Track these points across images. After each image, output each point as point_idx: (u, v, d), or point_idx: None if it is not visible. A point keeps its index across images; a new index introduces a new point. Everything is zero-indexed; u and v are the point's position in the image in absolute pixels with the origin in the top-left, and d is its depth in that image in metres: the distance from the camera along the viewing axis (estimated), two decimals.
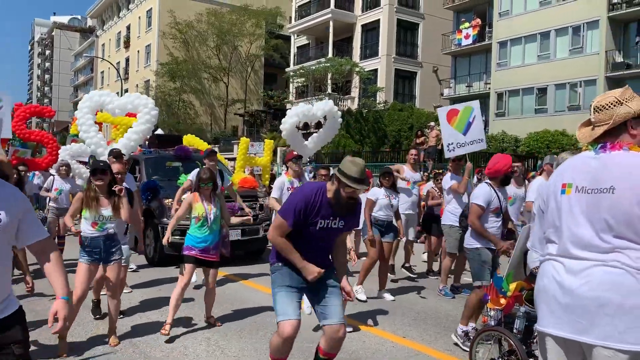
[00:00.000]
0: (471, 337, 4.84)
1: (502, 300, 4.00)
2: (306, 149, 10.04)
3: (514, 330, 3.94)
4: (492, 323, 4.13)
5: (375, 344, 5.04)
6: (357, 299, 6.56)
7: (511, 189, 6.99)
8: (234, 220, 6.67)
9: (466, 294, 6.91)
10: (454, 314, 6.18)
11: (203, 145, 12.38)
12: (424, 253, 9.42)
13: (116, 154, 6.71)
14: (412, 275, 8.09)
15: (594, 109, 2.33)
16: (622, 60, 23.15)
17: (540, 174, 7.79)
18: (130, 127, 9.19)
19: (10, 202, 2.22)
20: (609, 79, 23.02)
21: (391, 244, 6.88)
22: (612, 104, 2.28)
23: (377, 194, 6.78)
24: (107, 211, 4.71)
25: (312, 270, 3.37)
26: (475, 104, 7.53)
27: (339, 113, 10.33)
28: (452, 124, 7.43)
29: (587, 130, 2.40)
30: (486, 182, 5.04)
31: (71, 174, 9.24)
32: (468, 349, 4.66)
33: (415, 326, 5.66)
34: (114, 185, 4.82)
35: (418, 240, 9.57)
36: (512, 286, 3.92)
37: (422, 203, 9.03)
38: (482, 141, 7.34)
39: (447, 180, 7.28)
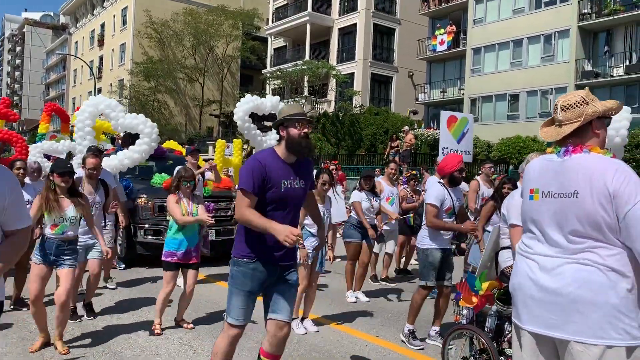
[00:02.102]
0: (417, 336, 5.04)
1: (474, 299, 4.07)
2: (261, 141, 10.14)
3: (486, 329, 3.99)
4: (464, 322, 4.20)
5: (348, 342, 5.08)
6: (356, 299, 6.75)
7: (485, 189, 7.16)
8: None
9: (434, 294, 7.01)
10: (425, 313, 6.26)
11: (179, 148, 12.33)
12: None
13: (95, 149, 6.68)
14: (390, 285, 7.95)
15: (562, 107, 2.38)
16: (591, 69, 23.76)
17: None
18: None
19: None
20: (579, 87, 23.59)
21: (371, 246, 6.96)
22: (579, 103, 2.34)
23: (360, 196, 6.89)
24: (70, 211, 4.56)
25: (283, 230, 2.95)
26: (470, 117, 7.78)
27: None
28: (450, 130, 7.68)
29: (552, 129, 2.45)
30: (439, 182, 5.06)
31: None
32: (412, 347, 4.90)
33: (388, 326, 5.73)
34: (73, 191, 4.66)
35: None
36: (485, 285, 3.99)
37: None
38: (470, 154, 7.57)
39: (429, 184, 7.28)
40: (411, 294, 7.06)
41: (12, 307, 5.76)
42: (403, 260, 9.00)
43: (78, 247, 5.01)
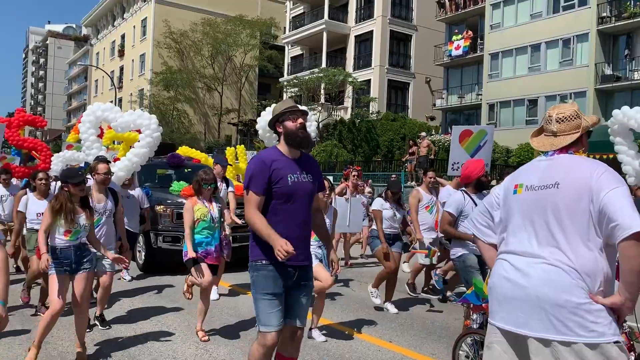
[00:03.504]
0: None
1: (484, 305, 4.06)
2: None
3: None
4: (475, 326, 4.21)
5: (362, 347, 5.12)
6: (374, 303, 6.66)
7: None
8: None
9: (455, 302, 6.97)
10: (440, 319, 6.28)
11: (198, 155, 12.50)
12: (404, 262, 9.19)
13: (102, 158, 6.79)
14: (433, 296, 7.49)
15: (557, 119, 2.52)
16: (611, 72, 23.48)
17: None
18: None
19: None
20: (599, 91, 23.36)
21: (400, 254, 6.70)
22: (573, 116, 2.50)
23: (382, 204, 6.66)
24: (82, 219, 4.55)
25: (281, 243, 2.97)
26: (490, 129, 7.61)
27: (314, 122, 10.47)
28: (462, 144, 7.55)
29: (544, 139, 2.57)
30: (462, 190, 5.07)
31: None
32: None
33: (401, 332, 5.74)
34: (85, 200, 4.66)
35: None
36: (486, 289, 3.98)
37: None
38: (487, 166, 7.32)
39: (446, 193, 6.98)
40: (437, 305, 7.02)
41: (36, 313, 5.91)
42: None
43: None
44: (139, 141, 8.24)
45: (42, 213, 5.73)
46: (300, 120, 3.26)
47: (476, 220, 2.74)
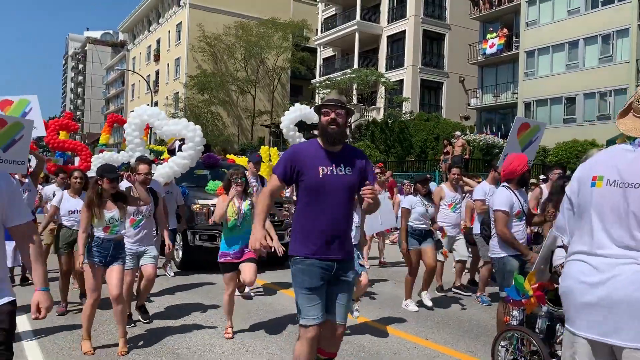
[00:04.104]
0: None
1: (524, 301, 3.99)
2: None
3: (536, 330, 3.92)
4: (514, 323, 4.14)
5: (397, 344, 5.10)
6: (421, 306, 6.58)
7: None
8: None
9: (484, 303, 6.88)
10: (477, 318, 6.21)
11: (234, 159, 12.71)
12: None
13: (144, 159, 6.91)
14: (464, 294, 7.50)
15: (636, 99, 2.16)
16: None
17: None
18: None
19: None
20: None
21: (434, 249, 6.61)
22: None
23: (412, 202, 6.57)
24: (113, 213, 4.68)
25: (257, 237, 3.18)
26: (543, 126, 7.42)
27: None
28: (519, 137, 7.43)
29: (635, 121, 2.20)
30: (504, 186, 4.84)
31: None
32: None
33: (437, 329, 5.70)
34: (119, 195, 4.80)
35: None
36: (527, 285, 3.92)
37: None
38: (530, 162, 7.21)
39: (481, 189, 6.89)
40: (473, 303, 6.95)
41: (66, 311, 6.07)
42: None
43: (129, 254, 5.27)
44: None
45: (74, 211, 5.99)
46: (332, 115, 3.21)
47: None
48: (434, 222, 6.82)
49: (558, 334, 3.86)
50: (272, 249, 5.52)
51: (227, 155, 12.79)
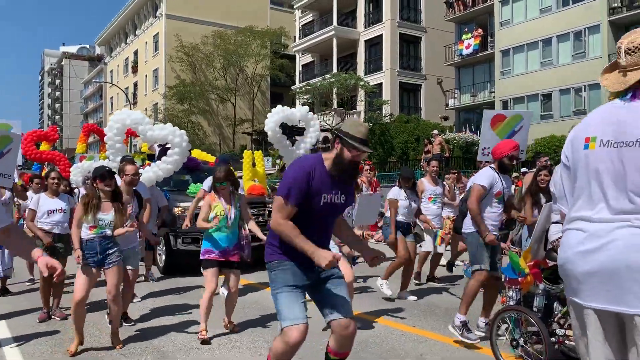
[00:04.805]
0: (470, 329, 4.68)
1: (520, 279, 3.97)
2: (291, 151, 10.19)
3: (534, 309, 3.91)
4: (512, 303, 4.14)
5: (385, 332, 5.11)
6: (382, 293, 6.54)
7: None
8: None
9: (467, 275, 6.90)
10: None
11: (210, 159, 12.60)
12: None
13: (129, 159, 6.85)
14: (437, 284, 7.70)
15: (626, 50, 2.05)
16: None
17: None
18: None
19: None
20: None
21: (414, 243, 6.66)
22: None
23: (398, 194, 6.59)
24: (107, 216, 4.64)
25: (326, 256, 2.84)
26: (527, 114, 7.31)
27: (317, 121, 10.46)
28: (494, 129, 7.34)
29: (615, 76, 2.11)
30: (490, 167, 4.90)
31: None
32: (466, 340, 4.59)
33: (424, 317, 5.73)
34: (117, 194, 4.76)
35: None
36: (523, 263, 3.93)
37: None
38: (523, 152, 7.09)
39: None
40: (456, 291, 6.99)
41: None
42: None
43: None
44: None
45: (54, 210, 5.92)
46: (361, 157, 3.05)
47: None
48: (420, 213, 6.86)
49: (556, 312, 3.87)
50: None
51: (206, 159, 12.67)
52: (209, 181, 7.29)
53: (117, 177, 5.82)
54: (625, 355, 2.00)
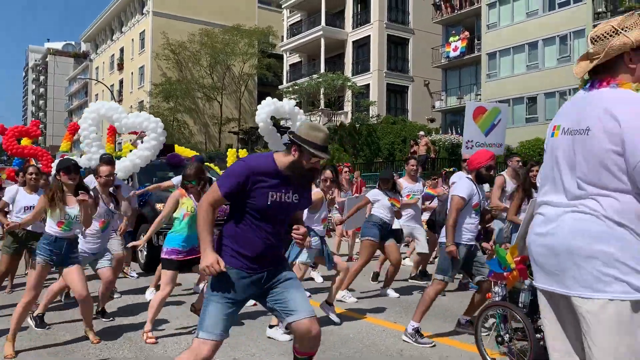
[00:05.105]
0: (422, 335, 4.66)
1: (506, 274, 3.95)
2: (280, 144, 10.20)
3: (520, 305, 3.89)
4: (497, 299, 4.12)
5: (366, 328, 5.08)
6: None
7: (512, 186, 6.66)
8: None
9: (473, 289, 6.90)
10: (443, 302, 6.24)
11: (192, 154, 12.51)
12: (405, 258, 9.39)
13: (107, 159, 6.71)
14: (421, 283, 7.63)
15: (591, 39, 2.14)
16: None
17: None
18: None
19: None
20: None
21: (395, 244, 6.60)
22: (608, 33, 2.07)
23: (376, 195, 6.60)
24: (73, 210, 4.51)
25: (208, 260, 2.74)
26: (504, 107, 7.32)
27: (303, 115, 10.51)
28: (476, 122, 7.31)
29: (584, 63, 2.16)
30: (467, 177, 4.86)
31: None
32: (422, 346, 4.53)
33: (405, 314, 5.71)
34: (81, 189, 4.60)
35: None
36: (510, 257, 3.90)
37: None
38: (501, 146, 7.08)
39: (457, 177, 6.72)
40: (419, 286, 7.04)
41: None
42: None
43: (88, 254, 5.13)
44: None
45: (30, 207, 5.80)
46: (317, 165, 2.92)
47: None
48: (400, 215, 6.84)
49: None
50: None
51: (190, 155, 12.56)
52: (179, 177, 7.20)
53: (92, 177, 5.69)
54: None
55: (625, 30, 2.04)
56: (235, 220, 2.91)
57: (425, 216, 8.75)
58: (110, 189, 5.59)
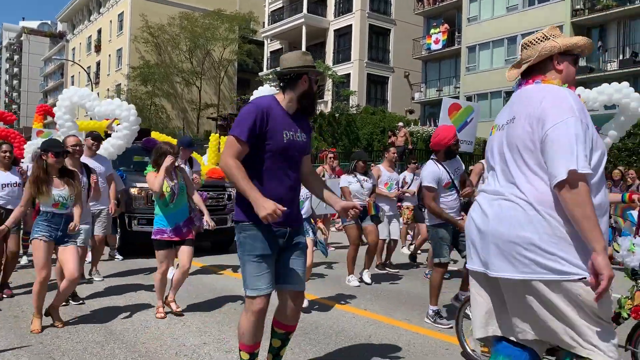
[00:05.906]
0: (442, 316, 4.86)
1: None
2: None
3: None
4: None
5: (336, 315, 5.14)
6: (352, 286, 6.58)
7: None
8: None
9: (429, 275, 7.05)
10: (414, 290, 6.36)
11: (170, 140, 12.38)
12: (402, 247, 9.69)
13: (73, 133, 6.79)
14: (392, 270, 7.82)
15: (522, 46, 2.36)
16: (585, 64, 23.86)
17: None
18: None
19: None
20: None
21: (374, 226, 6.73)
22: (539, 39, 2.31)
23: (348, 180, 6.72)
24: (63, 191, 4.53)
25: (266, 206, 2.68)
26: (477, 106, 7.52)
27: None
28: (451, 117, 7.48)
29: (515, 70, 2.41)
30: (432, 159, 4.94)
31: None
32: (440, 326, 4.72)
33: (375, 301, 5.79)
34: (65, 171, 4.66)
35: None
36: None
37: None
38: (471, 144, 7.29)
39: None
40: (410, 278, 7.15)
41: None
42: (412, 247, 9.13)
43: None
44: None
45: (7, 184, 5.78)
46: (317, 85, 3.03)
47: None
48: (373, 191, 6.97)
49: None
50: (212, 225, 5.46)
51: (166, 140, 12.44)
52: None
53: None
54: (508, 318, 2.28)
55: (554, 37, 2.30)
56: (257, 171, 2.90)
57: (408, 203, 8.95)
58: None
